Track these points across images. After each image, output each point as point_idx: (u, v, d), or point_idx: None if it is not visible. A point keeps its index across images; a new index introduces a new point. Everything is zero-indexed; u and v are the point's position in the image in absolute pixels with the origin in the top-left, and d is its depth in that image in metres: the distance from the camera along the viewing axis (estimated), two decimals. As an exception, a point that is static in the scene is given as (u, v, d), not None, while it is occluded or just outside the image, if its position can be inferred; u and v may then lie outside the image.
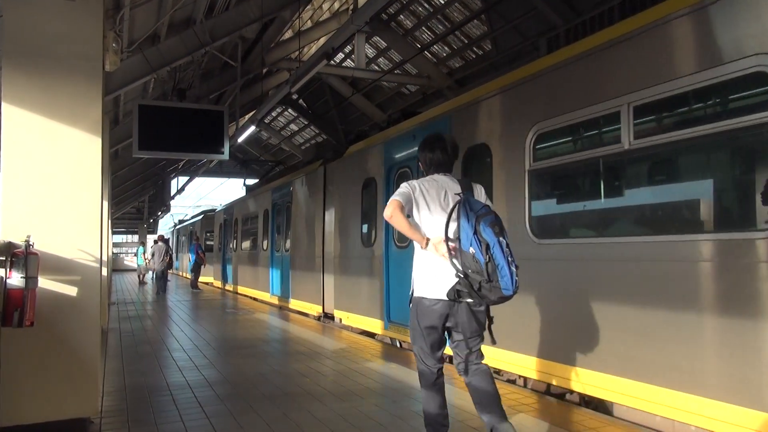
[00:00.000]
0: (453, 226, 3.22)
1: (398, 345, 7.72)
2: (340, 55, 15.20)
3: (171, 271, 25.82)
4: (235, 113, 12.99)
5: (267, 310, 12.63)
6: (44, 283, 3.82)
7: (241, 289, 17.52)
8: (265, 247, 14.57)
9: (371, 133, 9.99)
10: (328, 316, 10.15)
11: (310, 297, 10.91)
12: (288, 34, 13.16)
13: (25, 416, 3.85)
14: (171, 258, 18.56)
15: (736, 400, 3.40)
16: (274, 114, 21.22)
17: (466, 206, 3.22)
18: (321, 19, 13.60)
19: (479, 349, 3.40)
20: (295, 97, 18.30)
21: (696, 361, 3.64)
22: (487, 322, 3.35)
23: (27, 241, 3.62)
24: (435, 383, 3.41)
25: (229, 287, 19.39)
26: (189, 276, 20.85)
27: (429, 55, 13.77)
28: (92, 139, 4.14)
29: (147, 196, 32.62)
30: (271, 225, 14.02)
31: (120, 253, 44.30)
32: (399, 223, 3.31)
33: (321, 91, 17.80)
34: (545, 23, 10.74)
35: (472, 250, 3.11)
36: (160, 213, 34.93)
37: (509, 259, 3.10)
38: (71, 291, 3.98)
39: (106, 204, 9.66)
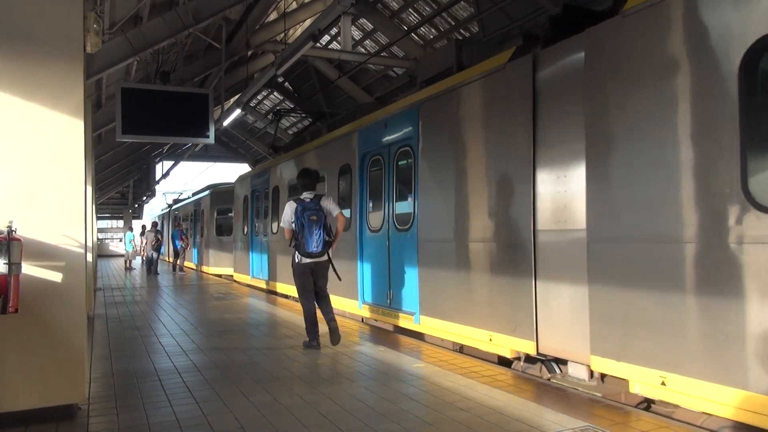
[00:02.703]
0: (298, 222, 6.11)
1: None
2: (326, 38, 15.06)
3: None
4: (220, 96, 12.83)
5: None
6: (28, 269, 3.76)
7: (287, 289, 11.39)
8: (357, 222, 8.64)
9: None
10: (545, 360, 5.26)
11: (489, 319, 5.59)
12: (273, 16, 12.98)
13: (12, 403, 3.81)
14: (159, 243, 19.94)
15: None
16: (259, 97, 21.03)
17: (299, 208, 6.10)
18: (306, 0, 13.43)
19: (325, 287, 6.36)
20: (280, 80, 18.16)
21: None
22: (331, 267, 6.38)
23: (9, 227, 3.56)
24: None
25: (259, 283, 13.64)
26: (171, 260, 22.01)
27: (416, 38, 13.68)
28: (74, 123, 4.05)
29: (132, 181, 32.31)
30: (361, 189, 8.41)
31: (105, 238, 43.87)
32: (287, 235, 6.31)
33: (307, 74, 17.65)
34: (532, 5, 10.70)
35: (296, 228, 6.12)
36: (145, 198, 34.60)
37: (318, 231, 6.02)
38: (56, 277, 3.92)
39: (89, 189, 9.53)
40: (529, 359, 5.35)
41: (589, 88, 4.54)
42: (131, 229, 26.67)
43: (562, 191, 4.83)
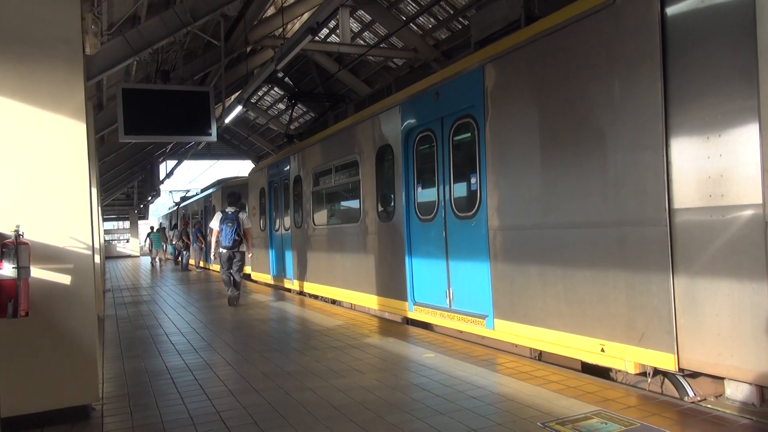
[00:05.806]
0: (221, 226, 9.74)
1: None
2: (325, 31, 14.99)
3: (167, 256, 25.87)
4: (220, 94, 12.80)
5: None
6: (36, 272, 3.78)
7: (321, 290, 10.16)
8: (403, 210, 7.23)
9: None
10: (667, 374, 4.34)
11: (600, 325, 4.46)
12: (271, 11, 12.93)
13: (27, 406, 3.84)
14: (186, 242, 21.41)
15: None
16: (260, 93, 21.00)
17: (223, 217, 9.67)
18: (303, -6, 13.35)
19: (240, 269, 9.96)
20: (280, 75, 18.13)
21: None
22: (245, 256, 9.99)
23: (17, 231, 3.57)
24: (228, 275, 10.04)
25: (284, 283, 12.47)
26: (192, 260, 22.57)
27: (415, 27, 13.60)
28: (76, 125, 4.06)
29: (136, 182, 32.41)
30: (406, 171, 7.13)
31: (112, 240, 44.02)
32: (212, 238, 10.37)
33: (307, 68, 17.60)
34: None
35: (219, 229, 9.81)
36: (150, 198, 34.71)
37: (230, 233, 9.55)
38: (64, 279, 3.95)
39: (94, 191, 9.56)
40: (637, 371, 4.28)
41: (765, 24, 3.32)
42: (157, 230, 27.00)
43: (714, 156, 3.63)
